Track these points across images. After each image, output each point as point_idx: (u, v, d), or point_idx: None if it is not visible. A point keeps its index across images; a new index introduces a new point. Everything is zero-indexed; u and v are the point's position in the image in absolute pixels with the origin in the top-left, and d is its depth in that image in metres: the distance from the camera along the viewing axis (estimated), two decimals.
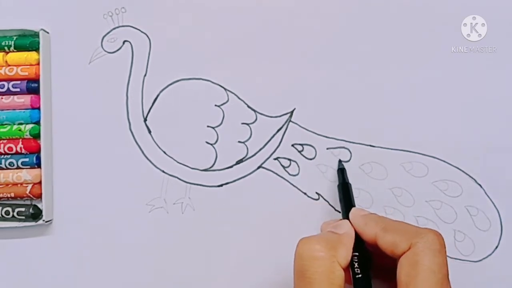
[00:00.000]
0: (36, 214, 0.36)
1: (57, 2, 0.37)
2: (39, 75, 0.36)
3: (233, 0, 0.37)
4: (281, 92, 0.36)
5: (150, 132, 0.36)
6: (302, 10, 0.36)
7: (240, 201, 0.36)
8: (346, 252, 0.28)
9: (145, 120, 0.37)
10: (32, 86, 0.36)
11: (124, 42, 0.37)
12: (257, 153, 0.36)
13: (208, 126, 0.36)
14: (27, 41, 0.36)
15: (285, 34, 0.36)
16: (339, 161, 0.35)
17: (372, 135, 0.36)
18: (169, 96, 0.37)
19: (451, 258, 0.34)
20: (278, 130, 0.36)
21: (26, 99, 0.36)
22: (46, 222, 0.36)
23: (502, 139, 0.35)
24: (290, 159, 0.36)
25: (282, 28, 0.36)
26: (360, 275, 0.28)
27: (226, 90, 0.36)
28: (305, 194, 0.36)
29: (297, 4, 0.36)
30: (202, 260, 0.36)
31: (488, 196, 0.35)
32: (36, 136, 0.36)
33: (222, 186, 0.36)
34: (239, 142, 0.36)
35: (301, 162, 0.36)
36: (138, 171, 0.36)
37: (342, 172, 0.35)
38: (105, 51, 0.37)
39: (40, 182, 0.36)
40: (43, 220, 0.36)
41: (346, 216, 0.32)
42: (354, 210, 0.31)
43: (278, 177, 0.36)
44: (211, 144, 0.36)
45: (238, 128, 0.36)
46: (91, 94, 0.37)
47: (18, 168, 0.36)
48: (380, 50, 0.36)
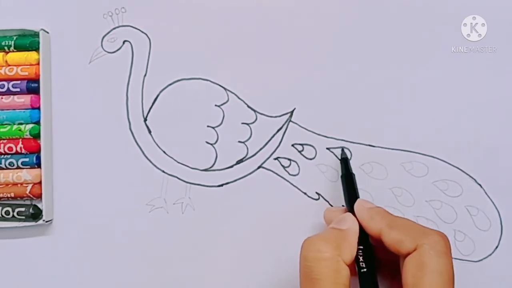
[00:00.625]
0: (36, 214, 0.36)
1: (57, 2, 0.37)
2: (39, 75, 0.36)
3: (233, 0, 0.37)
4: (281, 92, 0.36)
5: (150, 132, 0.36)
6: (302, 10, 0.36)
7: (240, 201, 0.36)
8: (351, 249, 0.28)
9: (145, 120, 0.37)
10: (32, 86, 0.36)
11: (124, 42, 0.37)
12: (257, 153, 0.36)
13: (208, 126, 0.36)
14: (27, 41, 0.36)
15: (285, 34, 0.36)
16: (342, 149, 0.35)
17: (372, 135, 0.36)
18: (169, 96, 0.37)
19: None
20: (278, 130, 0.36)
21: (26, 99, 0.36)
22: (46, 222, 0.36)
23: (502, 139, 0.35)
24: (290, 159, 0.36)
25: (282, 28, 0.36)
26: (365, 269, 0.28)
27: (226, 90, 0.36)
28: (305, 194, 0.36)
29: (297, 4, 0.36)
30: (202, 260, 0.36)
31: (488, 196, 0.35)
32: (36, 136, 0.36)
33: (222, 186, 0.36)
34: (239, 142, 0.36)
35: (301, 162, 0.36)
36: (138, 171, 0.36)
37: (345, 161, 0.34)
38: (105, 51, 0.37)
39: (40, 182, 0.36)
40: (43, 220, 0.35)
41: (350, 207, 0.31)
42: (359, 201, 0.31)
43: (278, 177, 0.36)
44: (211, 144, 0.36)
45: (238, 128, 0.36)
46: (91, 94, 0.37)
47: (18, 168, 0.36)
48: (380, 50, 0.36)
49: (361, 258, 0.29)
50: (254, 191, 0.36)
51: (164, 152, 0.36)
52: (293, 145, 0.36)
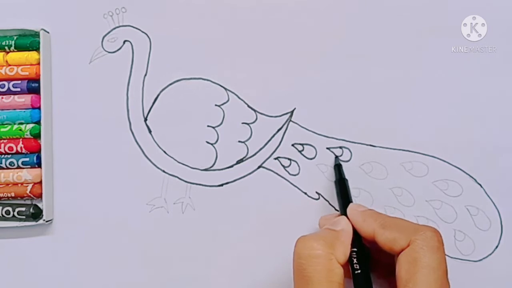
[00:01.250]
0: (36, 214, 0.36)
1: (57, 2, 0.37)
2: (40, 75, 0.36)
3: (233, 0, 0.37)
4: (281, 92, 0.36)
5: (150, 131, 0.36)
6: (302, 10, 0.36)
7: (240, 201, 0.36)
8: (344, 249, 0.28)
9: (145, 119, 0.37)
10: (32, 86, 0.36)
11: (124, 42, 0.37)
12: (257, 152, 0.36)
13: (208, 126, 0.36)
14: (28, 41, 0.36)
15: (285, 34, 0.36)
16: (335, 157, 0.36)
17: (372, 135, 0.36)
18: (169, 96, 0.37)
19: (451, 257, 0.34)
20: (278, 130, 0.36)
21: (26, 99, 0.36)
22: (47, 221, 0.36)
23: (502, 139, 0.35)
24: (290, 159, 0.36)
25: (282, 27, 0.36)
26: (359, 271, 0.28)
27: (226, 89, 0.37)
28: (305, 193, 0.36)
29: (297, 3, 0.36)
30: (202, 260, 0.36)
31: (488, 195, 0.35)
32: (36, 135, 0.36)
33: (222, 185, 0.36)
34: (240, 141, 0.36)
35: (301, 162, 0.36)
36: (138, 171, 0.36)
37: (338, 168, 0.35)
38: (105, 51, 0.37)
39: (40, 182, 0.36)
40: (44, 219, 0.36)
41: (343, 211, 0.32)
42: (352, 205, 0.31)
43: (279, 176, 0.36)
44: (212, 143, 0.36)
45: (239, 127, 0.36)
46: (92, 94, 0.37)
47: (18, 167, 0.36)
48: (380, 50, 0.36)
49: (355, 260, 0.29)
50: (254, 191, 0.36)
51: (164, 152, 0.36)
52: (293, 145, 0.36)
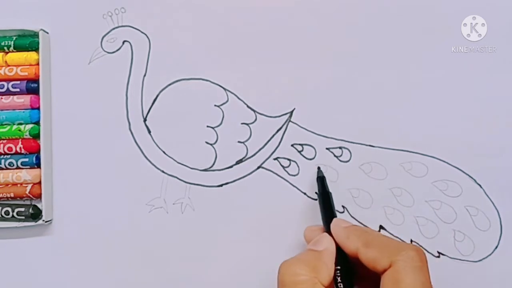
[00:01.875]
0: (35, 214, 0.36)
1: (57, 2, 0.37)
2: (39, 75, 0.36)
3: (233, 0, 0.37)
4: (281, 92, 0.36)
5: (150, 132, 0.36)
6: (302, 10, 0.36)
7: (240, 201, 0.36)
8: (328, 270, 0.28)
9: (144, 120, 0.37)
10: (31, 86, 0.36)
11: (123, 42, 0.37)
12: (257, 153, 0.36)
13: (208, 126, 0.36)
14: (27, 41, 0.36)
15: (285, 34, 0.36)
16: (318, 168, 0.35)
17: (372, 135, 0.36)
18: (168, 96, 0.37)
19: (451, 258, 0.34)
20: (278, 130, 0.36)
21: (25, 99, 0.36)
22: (46, 222, 0.36)
23: (502, 139, 0.35)
24: (290, 159, 0.36)
25: (282, 28, 0.36)
26: None
27: (226, 90, 0.36)
28: (305, 194, 0.36)
29: (297, 4, 0.36)
30: (202, 260, 0.36)
31: (488, 196, 0.35)
32: (35, 136, 0.36)
33: (222, 186, 0.36)
34: (239, 142, 0.36)
35: (301, 162, 0.36)
36: (138, 171, 0.36)
37: (322, 180, 0.34)
38: (104, 51, 0.37)
39: (39, 182, 0.36)
40: (43, 220, 0.36)
41: (327, 226, 0.31)
42: (335, 221, 0.31)
43: (278, 177, 0.36)
44: (211, 144, 0.36)
45: (238, 128, 0.36)
46: (91, 94, 0.37)
47: (17, 168, 0.36)
48: (380, 50, 0.36)
49: (339, 279, 0.29)
50: (254, 191, 0.36)
51: (163, 152, 0.36)
52: (292, 145, 0.36)
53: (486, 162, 0.35)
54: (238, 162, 0.36)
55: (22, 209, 0.36)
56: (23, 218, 0.36)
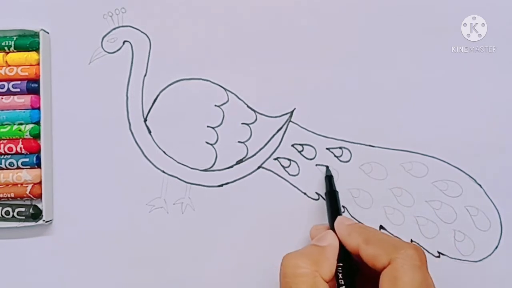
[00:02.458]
0: (36, 214, 0.36)
1: (57, 2, 0.37)
2: (39, 75, 0.36)
3: (233, 0, 0.37)
4: (281, 92, 0.36)
5: (150, 132, 0.36)
6: (302, 10, 0.36)
7: (240, 201, 0.36)
8: (329, 265, 0.28)
9: (145, 120, 0.37)
10: (32, 86, 0.36)
11: (124, 42, 0.37)
12: (257, 153, 0.36)
13: (208, 126, 0.36)
14: (27, 41, 0.36)
15: (285, 34, 0.36)
16: (327, 167, 0.35)
17: (372, 135, 0.36)
18: (169, 96, 0.37)
19: (451, 258, 0.34)
20: (278, 130, 0.36)
21: (26, 99, 0.36)
22: (46, 222, 0.36)
23: (502, 139, 0.35)
24: (290, 159, 0.36)
25: (282, 28, 0.36)
26: (343, 286, 0.28)
27: (226, 90, 0.36)
28: (305, 194, 0.36)
29: (297, 4, 0.36)
30: (202, 260, 0.36)
31: (488, 196, 0.35)
32: (36, 136, 0.36)
33: (222, 186, 0.36)
34: (239, 142, 0.36)
35: (301, 162, 0.36)
36: (138, 171, 0.36)
37: (329, 179, 0.35)
38: (105, 51, 0.37)
39: (40, 182, 0.36)
40: (43, 220, 0.36)
41: (332, 224, 0.32)
42: (339, 219, 0.31)
43: (278, 177, 0.36)
44: (211, 144, 0.36)
45: (238, 128, 0.36)
46: (91, 94, 0.37)
47: (18, 168, 0.36)
48: (380, 50, 0.36)
49: (340, 275, 0.29)
50: (254, 191, 0.36)
51: (164, 152, 0.36)
52: (293, 145, 0.36)
53: (486, 162, 0.35)
54: (238, 162, 0.36)
55: (23, 209, 0.36)
56: (24, 218, 0.36)
